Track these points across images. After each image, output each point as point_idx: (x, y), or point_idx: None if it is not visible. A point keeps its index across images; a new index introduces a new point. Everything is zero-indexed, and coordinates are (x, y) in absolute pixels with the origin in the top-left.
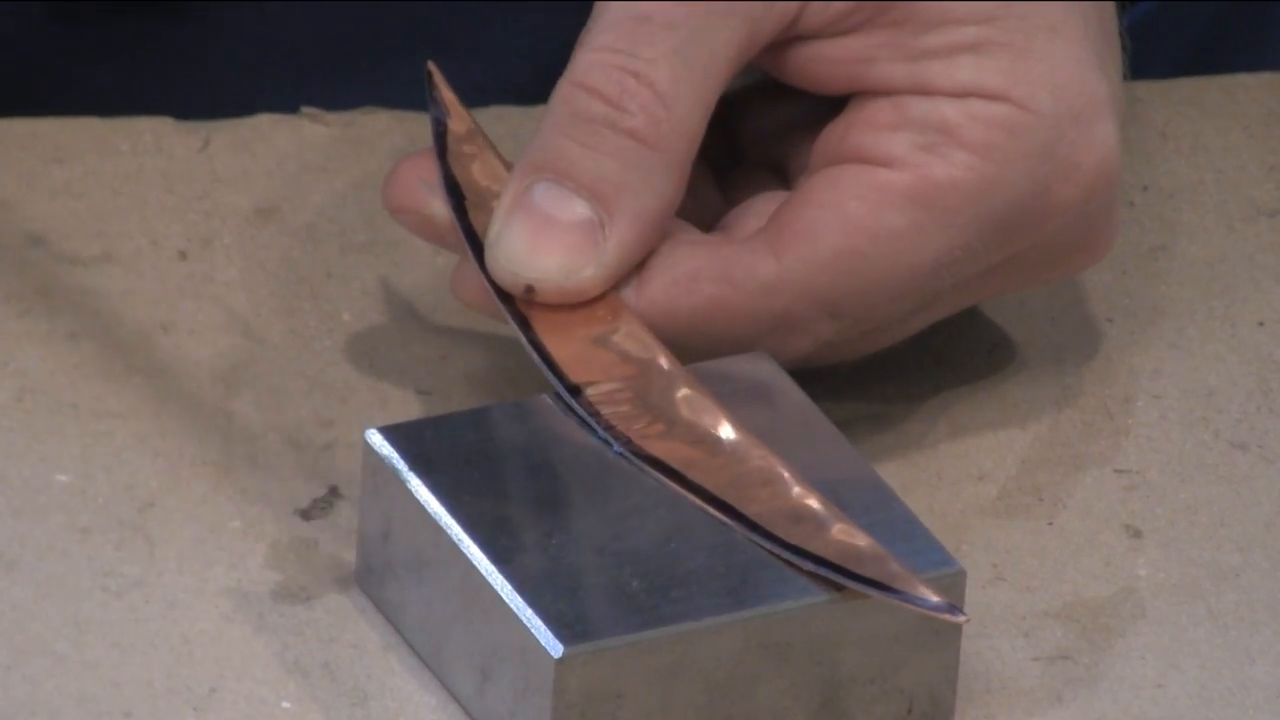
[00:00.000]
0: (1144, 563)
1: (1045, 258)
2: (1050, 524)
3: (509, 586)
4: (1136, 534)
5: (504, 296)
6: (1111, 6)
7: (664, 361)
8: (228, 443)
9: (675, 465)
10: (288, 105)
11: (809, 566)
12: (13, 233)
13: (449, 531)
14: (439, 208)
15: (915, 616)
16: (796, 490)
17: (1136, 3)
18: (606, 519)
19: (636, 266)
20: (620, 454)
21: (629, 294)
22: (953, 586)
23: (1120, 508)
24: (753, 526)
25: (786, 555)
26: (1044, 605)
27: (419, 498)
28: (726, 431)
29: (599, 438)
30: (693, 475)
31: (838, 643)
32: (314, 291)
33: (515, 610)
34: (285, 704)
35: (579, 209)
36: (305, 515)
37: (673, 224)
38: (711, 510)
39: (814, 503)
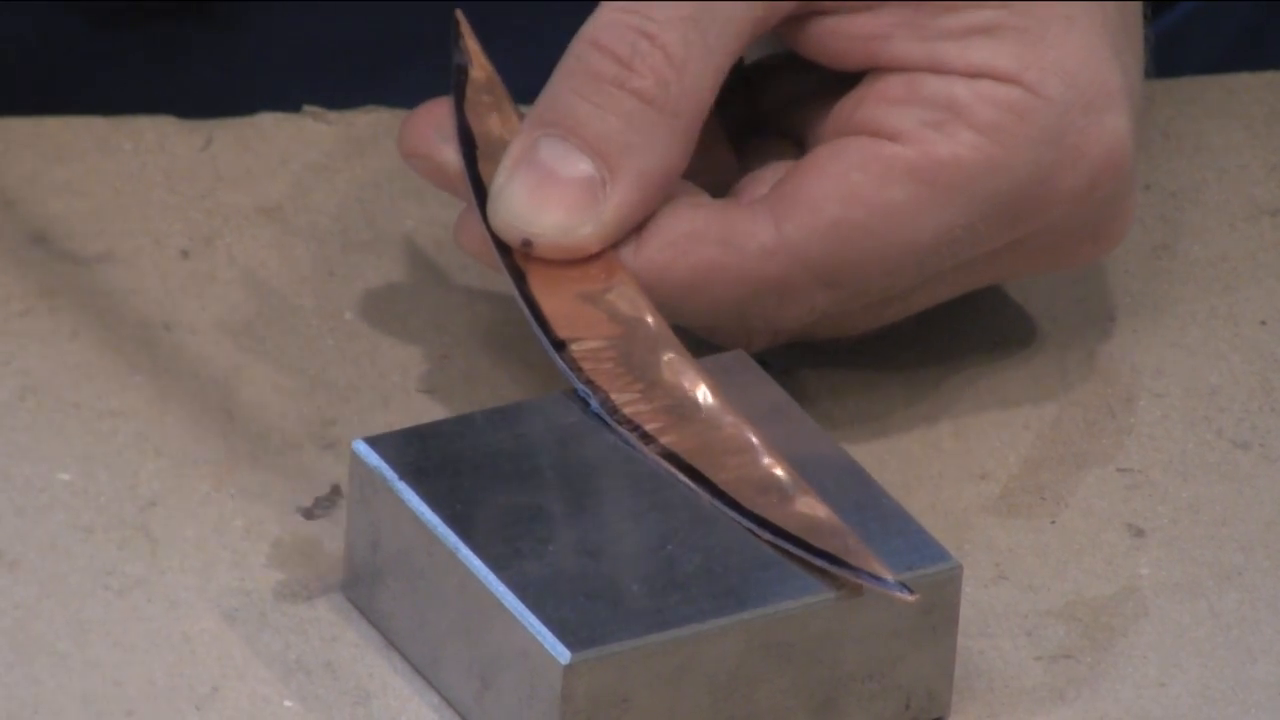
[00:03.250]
0: (1146, 561)
1: (1052, 245)
2: (1053, 523)
3: (510, 594)
4: (1139, 533)
5: (503, 249)
6: (1137, 4)
7: (652, 324)
8: (230, 441)
9: (648, 427)
10: (292, 107)
11: (768, 537)
12: (15, 231)
13: (444, 540)
14: (450, 155)
15: (913, 613)
16: (765, 460)
17: (1175, 3)
18: (600, 523)
19: (636, 226)
20: (596, 412)
21: (627, 253)
22: (949, 582)
23: (1123, 506)
24: (717, 493)
25: (747, 524)
26: (1046, 604)
27: (411, 507)
28: (704, 397)
29: (578, 393)
30: (664, 438)
31: (838, 641)
32: (316, 290)
33: (518, 617)
34: (287, 703)
35: (582, 166)
36: (307, 514)
37: (679, 186)
38: (679, 475)
39: (781, 473)
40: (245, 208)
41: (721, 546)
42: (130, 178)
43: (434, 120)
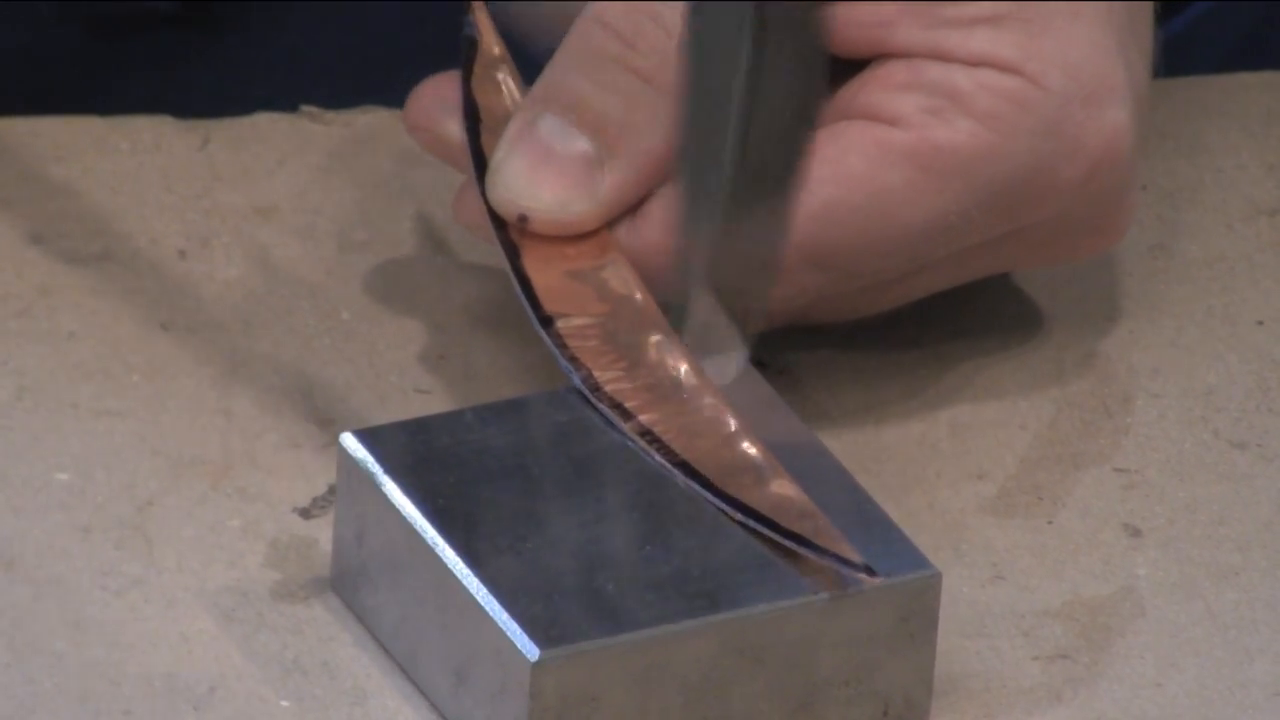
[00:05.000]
0: (1143, 562)
1: (1051, 236)
2: (1050, 523)
3: (484, 589)
4: (1136, 533)
5: (498, 223)
6: (1147, 3)
7: (641, 303)
8: (227, 441)
9: (628, 405)
10: (289, 107)
11: (738, 517)
12: (12, 231)
13: (423, 535)
14: (453, 128)
15: (891, 619)
16: (742, 443)
17: (1189, 3)
18: (582, 522)
19: (633, 205)
20: (578, 388)
21: (623, 232)
22: (928, 589)
23: (1119, 507)
24: (690, 473)
25: (719, 504)
26: (1043, 604)
27: (393, 501)
28: (687, 378)
29: (562, 368)
30: (643, 416)
31: (813, 645)
32: (313, 290)
33: (490, 613)
34: (284, 703)
35: (580, 144)
36: (304, 514)
37: None
38: (654, 454)
39: (756, 456)
40: (242, 208)
41: (701, 548)
42: (127, 178)
43: (439, 93)
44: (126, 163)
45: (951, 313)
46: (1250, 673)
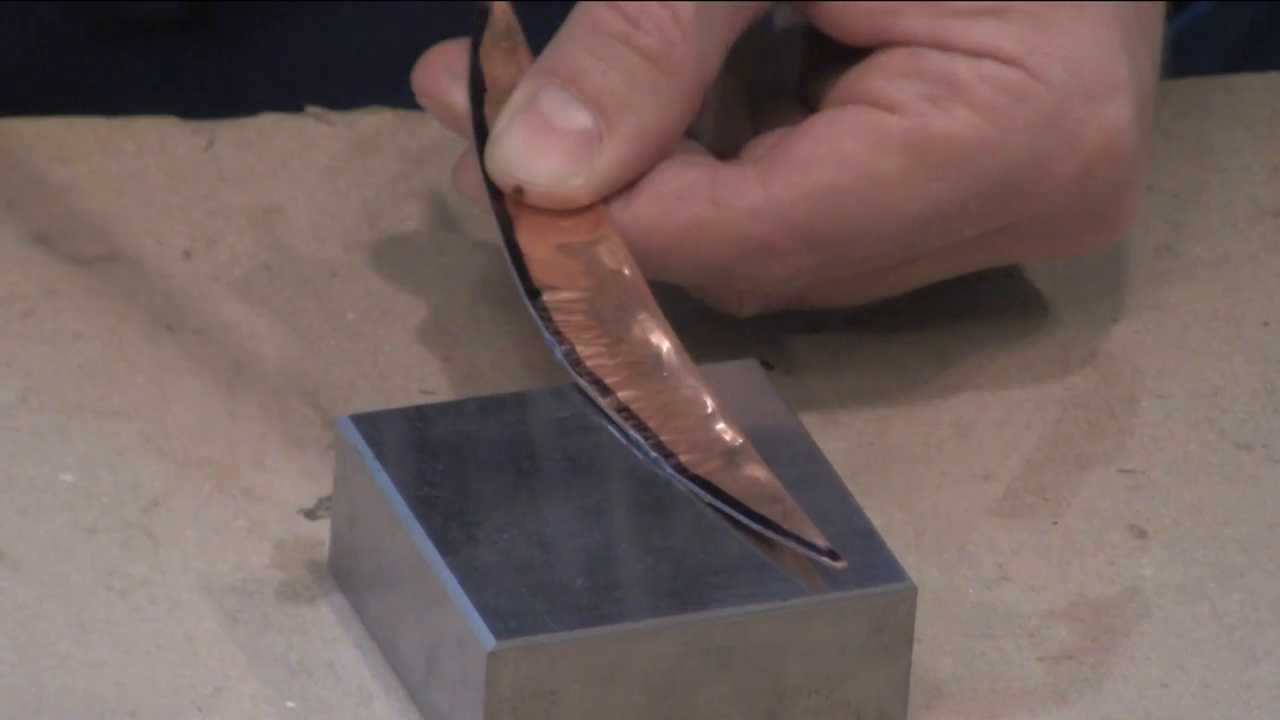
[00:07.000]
0: (1149, 563)
1: (1051, 231)
2: (1055, 524)
3: (451, 577)
4: (1141, 534)
5: (495, 194)
6: (1158, 3)
7: (630, 280)
8: (232, 442)
9: (607, 381)
10: (294, 108)
11: (706, 498)
12: (18, 232)
13: (403, 520)
14: (459, 96)
15: (863, 630)
16: (718, 425)
17: (1188, 3)
18: (564, 516)
19: (629, 183)
20: (559, 361)
21: (617, 208)
22: (902, 603)
23: (1125, 508)
24: (663, 452)
25: (686, 485)
26: (1049, 605)
27: (379, 486)
28: (669, 357)
29: (546, 341)
30: (621, 393)
31: (782, 652)
32: (318, 291)
33: (455, 602)
34: (290, 703)
35: (580, 118)
36: (310, 515)
37: (679, 145)
38: (628, 429)
39: (731, 438)
40: (248, 208)
41: (677, 549)
42: (133, 178)
43: (447, 60)
44: (131, 164)
45: (956, 312)
46: (1256, 673)
